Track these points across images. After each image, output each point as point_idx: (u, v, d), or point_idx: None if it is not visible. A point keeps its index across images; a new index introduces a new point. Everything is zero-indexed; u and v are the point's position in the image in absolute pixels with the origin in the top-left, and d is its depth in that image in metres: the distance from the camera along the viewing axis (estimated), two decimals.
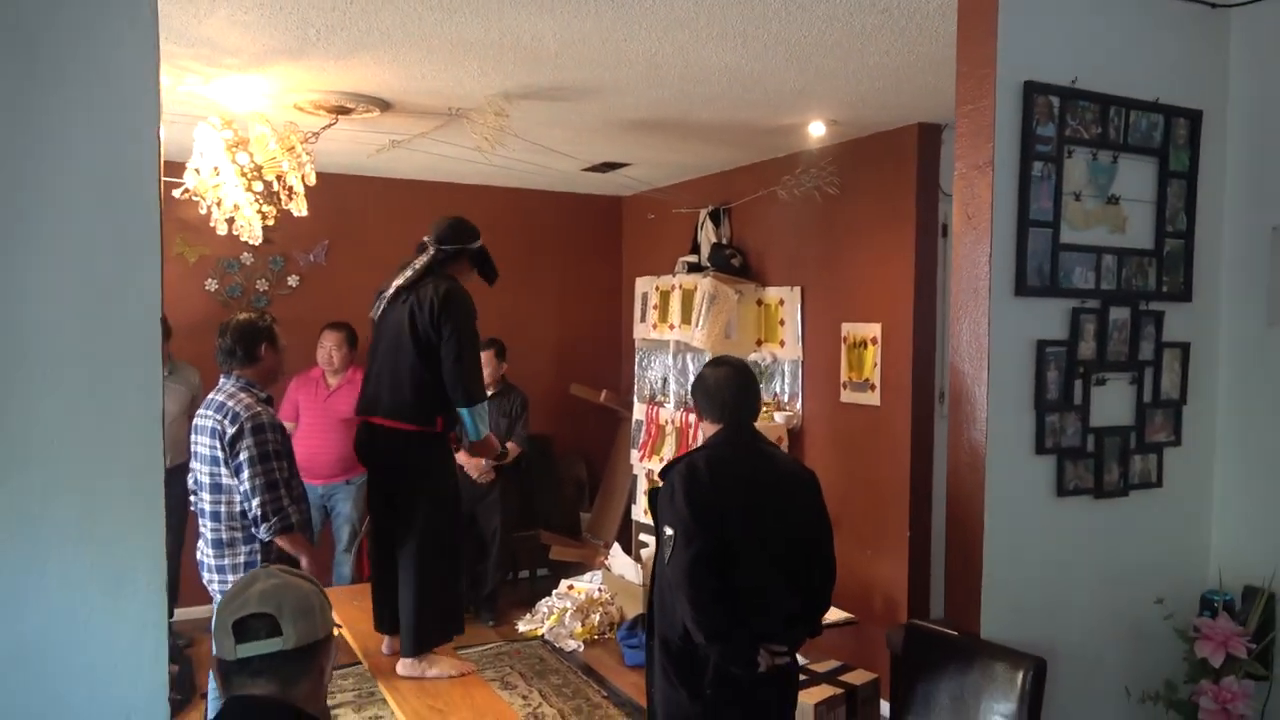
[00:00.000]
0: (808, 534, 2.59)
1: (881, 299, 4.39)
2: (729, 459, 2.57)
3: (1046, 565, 2.66)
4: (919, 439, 4.26)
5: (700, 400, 2.71)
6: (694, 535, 2.44)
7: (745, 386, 2.68)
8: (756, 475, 2.57)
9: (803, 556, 2.58)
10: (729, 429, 2.65)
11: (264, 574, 1.66)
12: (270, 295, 5.62)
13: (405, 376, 3.21)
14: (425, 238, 3.33)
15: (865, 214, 4.48)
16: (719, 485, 2.49)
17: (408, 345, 3.20)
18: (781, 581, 2.52)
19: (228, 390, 3.17)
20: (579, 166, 5.36)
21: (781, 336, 5.00)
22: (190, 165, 3.80)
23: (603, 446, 6.51)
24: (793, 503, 2.59)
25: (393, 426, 3.24)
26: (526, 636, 5.22)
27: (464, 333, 3.18)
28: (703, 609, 2.42)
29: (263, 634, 1.56)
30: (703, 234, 5.49)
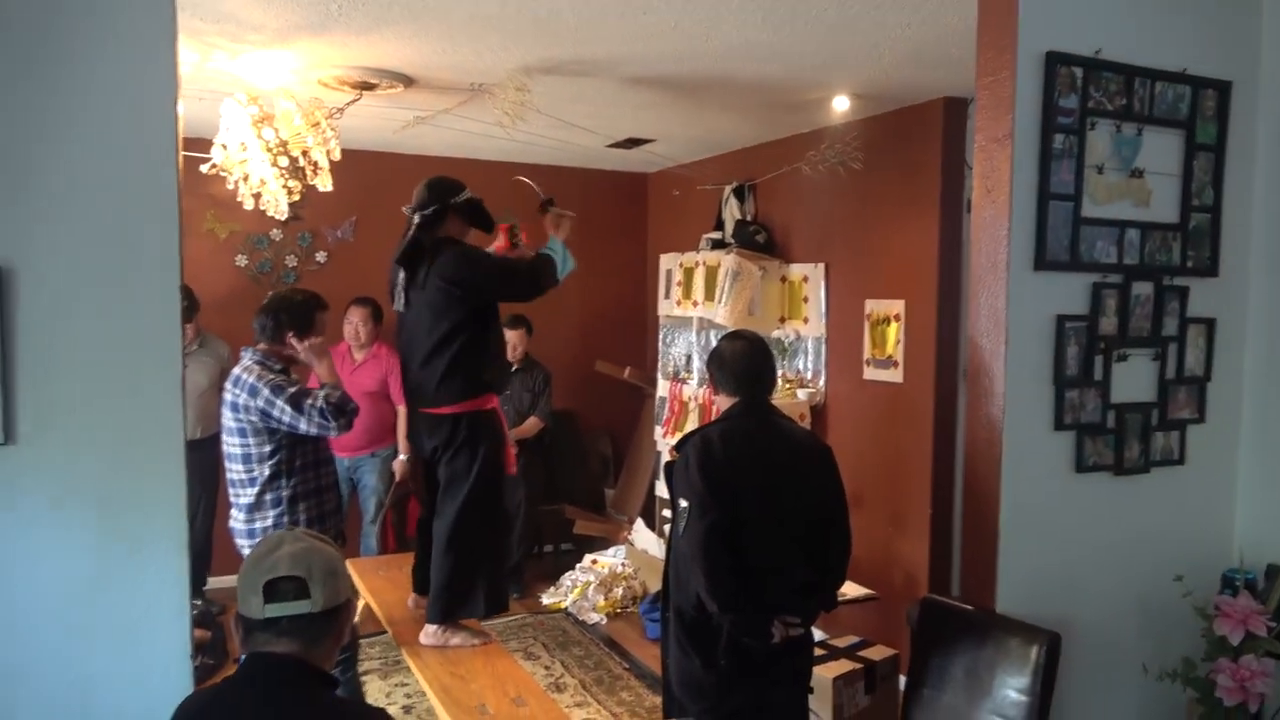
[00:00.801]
0: (823, 507, 2.60)
1: (905, 276, 4.36)
2: (744, 432, 2.58)
3: (1064, 541, 2.65)
4: (942, 416, 4.24)
5: (716, 373, 2.72)
6: (709, 507, 2.46)
7: (761, 360, 2.69)
8: (771, 448, 2.58)
9: (817, 529, 2.58)
10: (744, 402, 2.66)
11: (290, 536, 1.69)
12: (299, 271, 5.69)
13: (433, 362, 3.17)
14: (404, 208, 3.25)
15: (890, 190, 4.45)
16: (733, 458, 2.51)
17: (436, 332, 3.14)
18: (796, 554, 2.53)
19: (244, 364, 3.23)
20: (604, 143, 5.36)
21: (805, 313, 4.98)
22: (217, 141, 3.85)
23: (627, 423, 6.54)
24: (808, 476, 2.59)
25: (436, 413, 3.22)
26: (550, 609, 5.29)
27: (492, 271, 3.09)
28: (717, 580, 2.44)
29: (291, 595, 1.60)
30: (727, 210, 5.47)
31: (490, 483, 3.25)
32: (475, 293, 3.07)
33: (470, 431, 3.20)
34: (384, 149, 5.68)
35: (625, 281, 6.66)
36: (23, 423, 1.68)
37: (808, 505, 2.57)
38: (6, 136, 1.68)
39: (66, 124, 1.71)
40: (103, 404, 1.73)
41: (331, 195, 4.25)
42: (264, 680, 1.57)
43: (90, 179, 1.74)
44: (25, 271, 1.69)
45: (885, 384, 4.50)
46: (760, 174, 5.30)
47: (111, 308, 1.75)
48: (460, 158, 5.92)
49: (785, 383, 4.99)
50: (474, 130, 4.80)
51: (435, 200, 3.15)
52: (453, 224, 3.21)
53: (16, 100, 1.68)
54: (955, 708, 2.55)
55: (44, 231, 1.71)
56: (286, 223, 5.53)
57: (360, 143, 5.41)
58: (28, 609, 1.69)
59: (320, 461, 3.29)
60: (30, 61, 1.68)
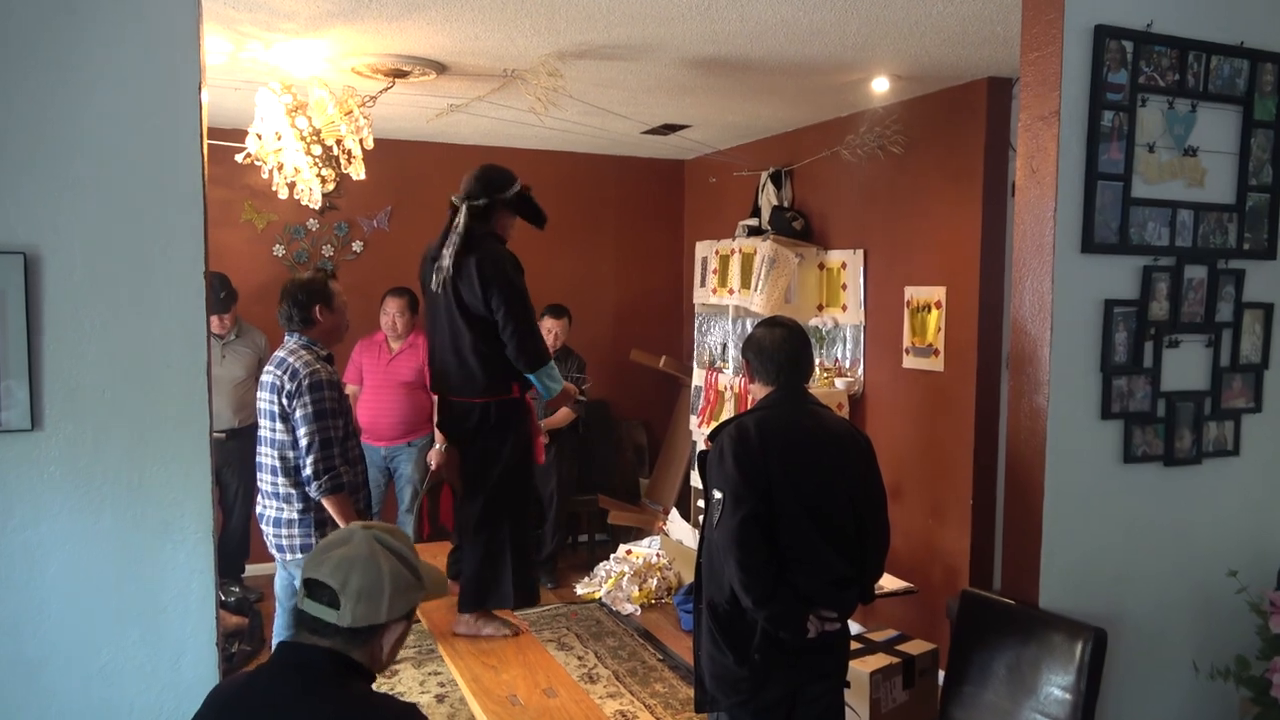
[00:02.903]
0: (861, 498, 2.54)
1: (946, 261, 4.28)
2: (780, 421, 2.53)
3: (1110, 534, 2.57)
4: (984, 406, 4.15)
5: (753, 360, 2.67)
6: (743, 498, 2.41)
7: (799, 347, 2.63)
8: (808, 438, 2.53)
9: (854, 521, 2.53)
10: (781, 391, 2.61)
11: (359, 537, 1.64)
12: (335, 260, 5.72)
13: (468, 354, 3.17)
14: (453, 196, 3.25)
15: (931, 174, 4.36)
16: (768, 448, 2.46)
17: (461, 324, 3.16)
18: (831, 546, 2.47)
19: (290, 347, 3.22)
20: (639, 129, 5.31)
21: (843, 301, 4.91)
22: (252, 130, 3.86)
23: (662, 412, 6.51)
24: (844, 467, 2.54)
25: (469, 402, 3.23)
26: (584, 599, 5.28)
27: (513, 298, 3.12)
28: (751, 572, 2.40)
29: (323, 600, 1.59)
30: (763, 197, 5.41)
31: (517, 472, 3.24)
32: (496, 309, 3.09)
33: (498, 421, 3.19)
34: (418, 138, 5.69)
35: (660, 269, 6.62)
36: (49, 409, 1.69)
37: (845, 497, 2.51)
38: (33, 122, 1.68)
39: (91, 109, 1.71)
40: (129, 391, 1.73)
41: (367, 185, 4.27)
42: (295, 671, 1.56)
43: (116, 165, 1.73)
44: (51, 258, 1.69)
45: (926, 372, 4.42)
46: (798, 159, 5.23)
47: (138, 294, 1.74)
48: (494, 146, 5.91)
49: (823, 372, 4.92)
50: (507, 118, 4.78)
51: (484, 194, 3.16)
52: (501, 217, 3.22)
53: (41, 85, 1.68)
54: (996, 705, 2.48)
55: (70, 218, 1.71)
56: (323, 212, 5.57)
57: (394, 132, 5.41)
58: (52, 597, 1.69)
59: (350, 460, 3.26)
60: (54, 46, 1.68)
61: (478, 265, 3.08)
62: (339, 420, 3.18)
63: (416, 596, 1.66)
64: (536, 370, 3.15)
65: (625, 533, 5.98)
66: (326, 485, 3.10)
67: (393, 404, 5.03)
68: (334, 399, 3.17)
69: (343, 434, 3.20)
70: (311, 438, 3.09)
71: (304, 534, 3.18)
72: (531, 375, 3.16)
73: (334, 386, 3.19)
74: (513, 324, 3.11)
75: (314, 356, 3.19)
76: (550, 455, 5.39)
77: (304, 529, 3.18)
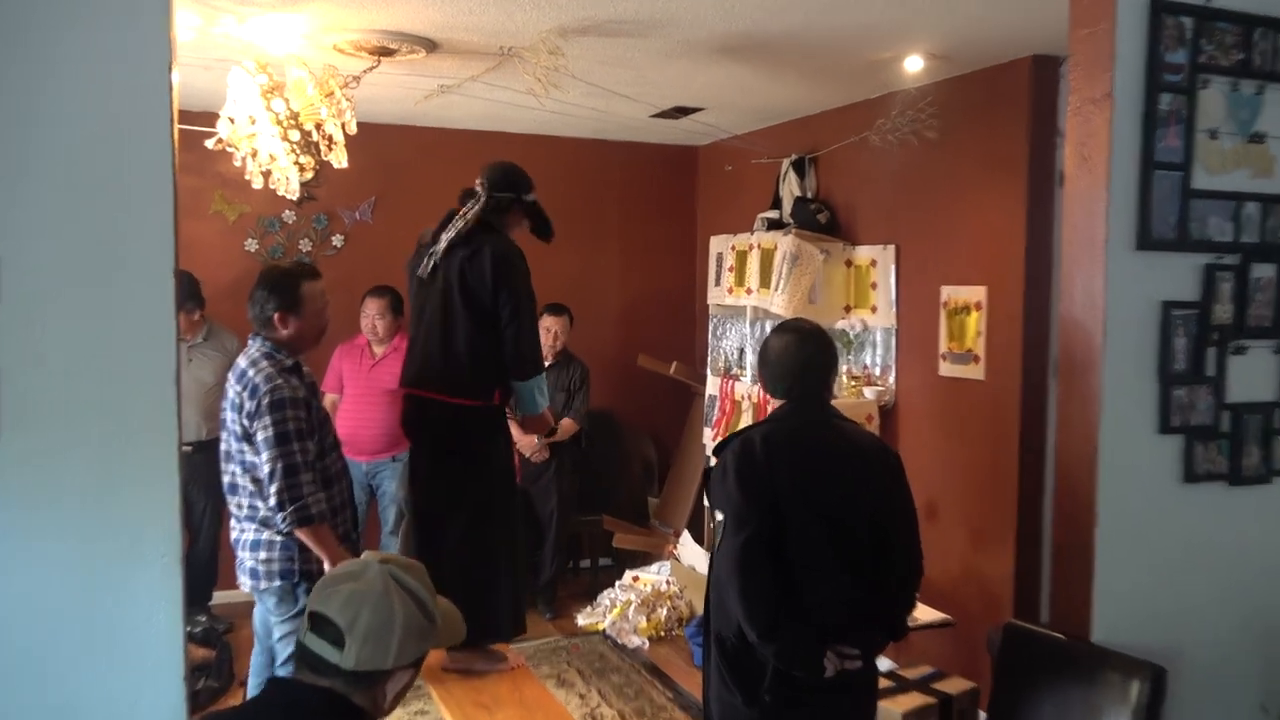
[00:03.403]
0: (885, 520, 2.53)
1: (988, 258, 4.28)
2: (791, 435, 2.53)
3: (1170, 561, 2.57)
4: (1029, 418, 4.15)
5: (762, 372, 2.69)
6: (745, 519, 2.42)
7: (812, 354, 2.62)
8: (824, 453, 2.53)
9: (877, 546, 2.52)
10: (794, 403, 2.61)
11: (373, 572, 1.65)
12: (314, 256, 5.75)
13: (460, 346, 3.21)
14: (477, 182, 3.30)
15: (970, 162, 4.36)
16: (776, 464, 2.45)
17: (460, 311, 3.19)
18: (851, 575, 2.47)
19: (251, 355, 3.16)
20: (648, 113, 5.33)
21: (873, 301, 4.91)
22: (224, 114, 3.89)
23: (673, 424, 6.52)
24: (867, 485, 2.53)
25: (446, 401, 3.25)
26: (586, 631, 5.28)
27: (524, 299, 3.17)
28: (754, 602, 2.39)
29: (328, 638, 1.60)
30: (784, 187, 5.42)
31: (505, 488, 3.27)
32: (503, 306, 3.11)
33: (481, 428, 3.22)
34: (405, 122, 5.72)
35: (671, 267, 6.63)
36: (3, 419, 1.70)
37: (867, 518, 2.51)
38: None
39: (49, 91, 1.72)
40: (90, 400, 1.74)
41: (348, 173, 4.28)
42: (282, 711, 1.59)
43: (78, 154, 1.75)
44: (5, 255, 1.70)
45: (964, 381, 4.42)
46: (823, 145, 5.23)
47: (101, 293, 1.76)
48: (489, 130, 5.94)
49: (850, 380, 4.92)
50: (503, 100, 4.80)
51: (512, 187, 3.23)
52: (514, 217, 3.27)
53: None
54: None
55: (26, 212, 1.72)
56: (300, 203, 5.56)
57: (379, 115, 5.44)
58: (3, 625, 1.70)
59: (330, 478, 3.22)
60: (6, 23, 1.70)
61: (494, 257, 3.14)
62: (307, 442, 3.09)
63: (428, 643, 1.68)
64: (532, 378, 3.19)
65: (632, 557, 5.99)
66: (293, 518, 3.03)
67: (376, 414, 5.04)
68: (300, 418, 3.08)
69: (314, 455, 3.12)
70: (274, 464, 3.02)
71: (284, 558, 3.13)
72: (523, 383, 3.19)
73: (299, 404, 3.09)
74: (517, 325, 3.16)
75: (275, 368, 3.10)
76: (550, 471, 5.40)
77: (285, 552, 3.13)
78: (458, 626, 1.79)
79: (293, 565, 3.13)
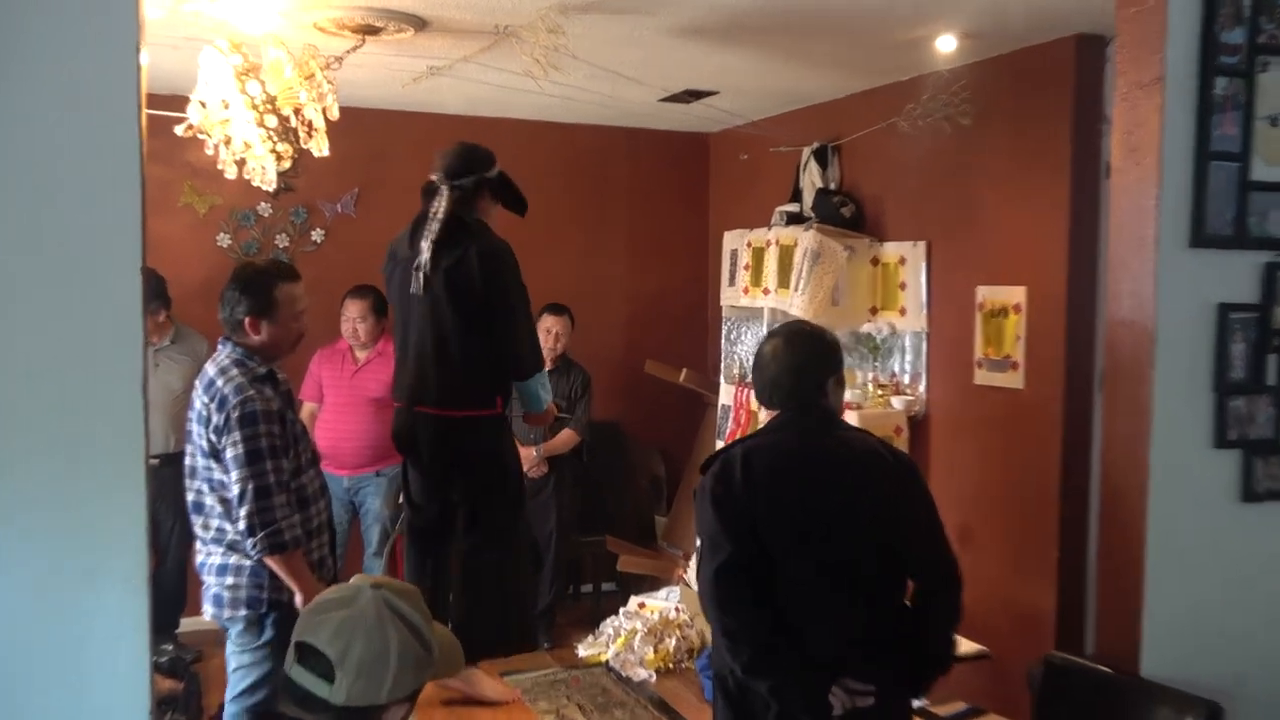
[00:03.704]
0: (891, 534, 2.51)
1: (1027, 256, 4.28)
2: (777, 449, 2.53)
3: (1226, 587, 2.57)
4: (1073, 430, 4.15)
5: (753, 382, 2.69)
6: (719, 544, 2.42)
7: (802, 358, 2.60)
8: (814, 467, 2.52)
9: (885, 564, 2.51)
10: (786, 414, 2.61)
11: (366, 598, 1.65)
12: (291, 253, 5.77)
13: (455, 354, 3.23)
14: (432, 177, 3.32)
15: (1008, 151, 4.37)
16: (755, 482, 2.45)
17: (451, 319, 3.21)
18: (849, 598, 2.46)
19: (220, 361, 3.12)
20: (655, 96, 5.34)
21: (902, 303, 4.92)
22: (195, 97, 3.90)
23: (683, 437, 6.52)
24: (865, 497, 2.50)
25: (448, 416, 3.27)
26: (587, 662, 5.27)
27: (515, 295, 3.19)
28: (734, 634, 2.40)
29: (317, 671, 1.60)
30: (805, 177, 5.43)
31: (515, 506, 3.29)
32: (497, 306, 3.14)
33: (488, 442, 3.25)
34: (391, 106, 5.74)
35: (681, 265, 6.64)
36: None
37: (870, 535, 2.49)
38: None
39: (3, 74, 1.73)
40: (50, 409, 1.74)
41: (329, 162, 4.30)
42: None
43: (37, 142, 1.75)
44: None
45: (1002, 390, 4.41)
46: (847, 132, 5.24)
47: (61, 294, 1.76)
48: (483, 116, 5.96)
49: (877, 389, 4.92)
50: (498, 83, 4.81)
51: (471, 169, 3.24)
52: (485, 201, 3.30)
53: None
54: None
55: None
56: (276, 195, 5.59)
57: (363, 99, 5.46)
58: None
59: (307, 499, 3.18)
60: None
61: (481, 256, 3.16)
62: (280, 460, 3.04)
63: (425, 675, 1.67)
64: (534, 375, 3.22)
65: (638, 582, 5.98)
66: (264, 544, 2.98)
67: (359, 425, 5.05)
68: (273, 434, 3.03)
69: (288, 474, 3.08)
70: (244, 485, 2.97)
71: (252, 584, 3.09)
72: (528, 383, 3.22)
73: (272, 418, 3.04)
74: (512, 322, 3.18)
75: (247, 377, 3.06)
76: (548, 488, 5.40)
77: (254, 578, 3.09)
78: (455, 656, 1.80)
79: (261, 594, 3.08)
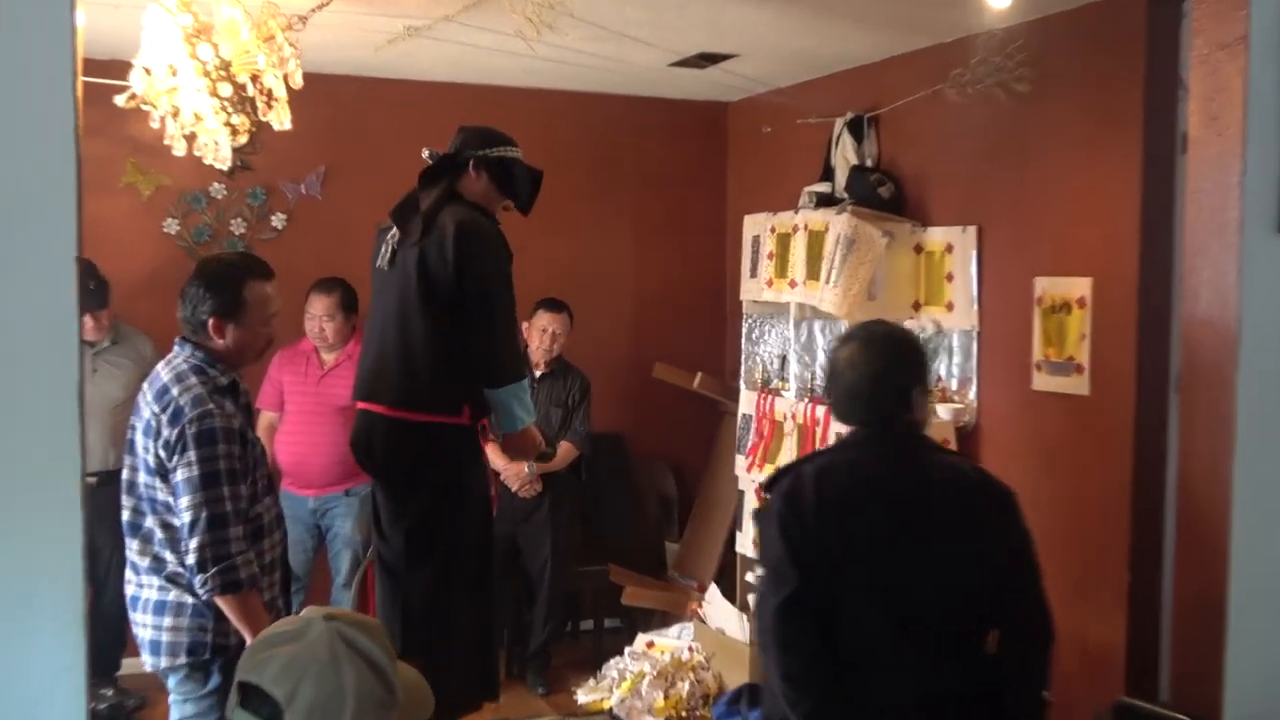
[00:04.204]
0: (984, 578, 2.54)
1: (1093, 242, 4.28)
2: (855, 468, 2.55)
3: None
4: (1146, 443, 4.15)
5: (827, 392, 2.71)
6: (785, 576, 2.44)
7: (883, 365, 2.63)
8: (898, 494, 2.54)
9: (974, 612, 2.53)
10: (865, 428, 2.63)
11: (317, 631, 1.65)
12: (248, 240, 5.79)
13: (418, 348, 3.24)
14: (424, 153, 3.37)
15: (1071, 122, 4.37)
16: (828, 508, 2.47)
17: (417, 305, 3.22)
18: (928, 647, 2.47)
19: (176, 365, 3.10)
20: (665, 60, 5.34)
21: (948, 297, 4.92)
22: (138, 63, 3.92)
23: (697, 451, 6.53)
24: (958, 534, 2.55)
25: (403, 418, 3.28)
26: (589, 710, 5.29)
27: (493, 283, 3.19)
28: (797, 680, 2.42)
29: (262, 715, 1.61)
30: (838, 153, 5.43)
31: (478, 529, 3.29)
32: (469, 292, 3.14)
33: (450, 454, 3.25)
34: (363, 72, 5.76)
35: (695, 253, 6.65)
36: None
37: (959, 576, 2.51)
38: None
39: None
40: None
41: (292, 137, 4.31)
42: None
43: None
44: None
45: (1064, 396, 4.41)
46: (886, 101, 5.25)
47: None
48: (468, 83, 5.97)
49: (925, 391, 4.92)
50: (484, 44, 4.82)
51: (461, 146, 3.27)
52: (470, 180, 3.31)
53: None
54: None
55: None
56: (232, 174, 5.55)
57: (331, 65, 5.48)
58: None
59: (262, 530, 3.15)
60: None
61: (457, 232, 3.17)
62: (239, 485, 3.03)
63: (388, 717, 1.68)
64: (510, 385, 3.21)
65: (645, 617, 5.99)
66: (216, 582, 2.95)
67: (325, 438, 5.07)
68: (233, 455, 3.01)
69: (246, 503, 3.06)
70: (196, 512, 2.95)
71: (194, 627, 3.05)
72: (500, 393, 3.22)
73: (233, 437, 3.03)
74: (488, 317, 3.18)
75: (207, 388, 3.04)
76: (542, 510, 5.41)
77: (196, 619, 3.05)
78: (424, 699, 1.80)
79: (205, 637, 3.05)
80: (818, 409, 5.02)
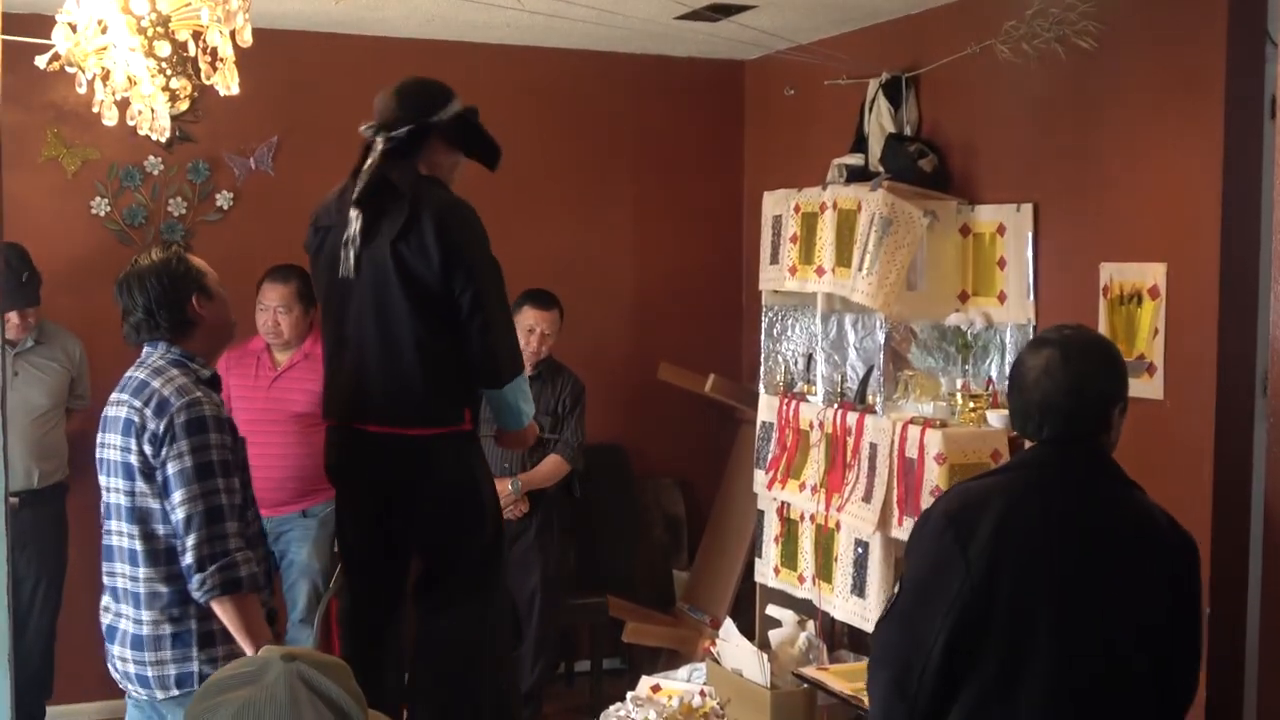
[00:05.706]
0: (1152, 643, 2.56)
1: (1166, 223, 4.29)
2: (1031, 494, 2.58)
3: None
4: (1228, 455, 4.15)
5: (1009, 402, 2.79)
6: (921, 598, 2.49)
7: (1083, 376, 2.63)
8: (1086, 533, 2.56)
9: (1129, 675, 2.54)
10: (1041, 447, 2.67)
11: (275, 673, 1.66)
12: (190, 223, 5.79)
13: (408, 355, 3.26)
14: (362, 127, 3.38)
15: (1142, 84, 4.37)
16: (1005, 541, 2.48)
17: (403, 308, 3.23)
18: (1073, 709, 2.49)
19: (153, 364, 3.22)
20: (672, 13, 5.34)
21: (1000, 286, 4.92)
22: (61, 19, 3.92)
23: (709, 464, 6.53)
24: (1138, 587, 2.57)
25: (400, 435, 3.31)
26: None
27: (483, 276, 3.21)
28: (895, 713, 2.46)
29: None
30: (872, 120, 5.43)
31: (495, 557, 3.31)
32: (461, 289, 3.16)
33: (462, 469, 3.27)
34: (322, 28, 5.76)
35: (706, 237, 6.65)
36: None
37: (1125, 636, 2.54)
38: None
39: None
40: None
41: (240, 103, 4.32)
42: None
43: None
44: None
45: (1134, 400, 4.34)
46: (927, 60, 5.25)
47: None
48: (441, 40, 5.96)
49: (968, 400, 4.92)
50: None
51: (409, 117, 3.27)
52: (433, 152, 3.32)
53: None
54: None
55: None
56: (170, 146, 5.62)
57: (284, 20, 5.48)
58: None
59: (252, 539, 3.28)
60: None
61: (439, 225, 3.18)
62: (233, 479, 3.17)
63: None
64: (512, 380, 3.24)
65: (650, 657, 5.99)
66: (216, 582, 3.05)
67: (279, 449, 5.06)
68: (224, 446, 3.16)
69: (240, 500, 3.20)
70: (191, 507, 3.06)
71: (177, 658, 3.16)
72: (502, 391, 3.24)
73: (224, 425, 3.19)
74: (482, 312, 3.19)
75: (190, 379, 3.20)
76: (530, 533, 5.41)
77: (178, 649, 3.16)
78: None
79: (191, 666, 3.15)
80: (849, 416, 5.02)
